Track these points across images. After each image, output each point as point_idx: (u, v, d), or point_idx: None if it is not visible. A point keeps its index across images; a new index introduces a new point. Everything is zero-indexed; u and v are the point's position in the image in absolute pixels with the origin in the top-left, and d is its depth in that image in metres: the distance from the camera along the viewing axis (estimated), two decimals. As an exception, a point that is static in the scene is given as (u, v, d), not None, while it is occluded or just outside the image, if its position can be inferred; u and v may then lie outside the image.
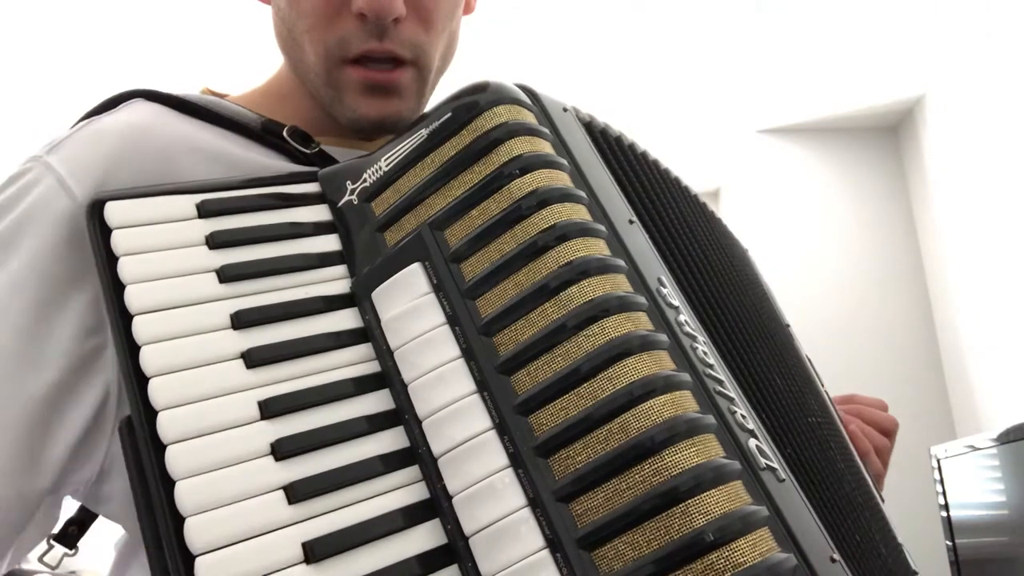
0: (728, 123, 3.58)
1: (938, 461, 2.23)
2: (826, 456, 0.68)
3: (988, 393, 3.00)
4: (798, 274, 3.43)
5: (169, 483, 0.49)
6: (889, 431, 0.86)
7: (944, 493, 2.18)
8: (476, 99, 0.58)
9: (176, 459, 0.49)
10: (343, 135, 0.76)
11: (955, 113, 3.11)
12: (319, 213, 0.62)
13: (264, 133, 0.71)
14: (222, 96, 0.77)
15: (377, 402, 0.55)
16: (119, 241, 0.56)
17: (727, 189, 3.98)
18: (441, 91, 0.62)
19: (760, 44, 2.97)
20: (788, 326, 0.85)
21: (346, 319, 0.58)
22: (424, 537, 0.51)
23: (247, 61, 2.71)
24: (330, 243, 0.61)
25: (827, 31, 2.90)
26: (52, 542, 0.66)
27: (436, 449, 0.52)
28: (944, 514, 2.16)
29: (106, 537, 0.73)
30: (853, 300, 3.46)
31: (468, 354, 0.53)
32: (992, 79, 2.83)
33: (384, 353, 0.56)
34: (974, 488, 2.07)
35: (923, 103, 3.36)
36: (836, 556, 0.49)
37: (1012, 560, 1.90)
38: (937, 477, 2.23)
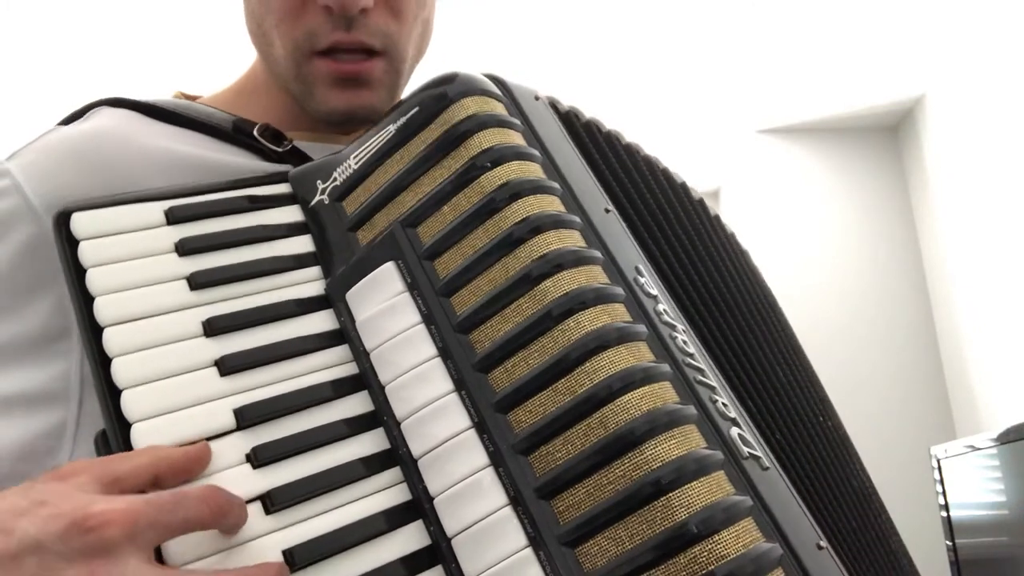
0: (728, 123, 3.57)
1: (938, 461, 2.21)
2: (837, 454, 0.66)
3: (988, 393, 2.97)
4: (798, 274, 3.41)
5: None
6: None
7: (944, 493, 2.16)
8: (444, 91, 0.57)
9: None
10: (316, 128, 0.75)
11: (955, 113, 3.09)
12: (291, 214, 0.61)
13: (235, 133, 0.70)
14: (193, 99, 0.77)
15: (356, 405, 0.54)
16: (86, 252, 0.55)
17: (727, 189, 3.96)
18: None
19: (760, 44, 2.96)
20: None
21: (322, 321, 0.57)
22: (408, 539, 0.50)
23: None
24: (303, 244, 0.60)
25: (827, 31, 2.89)
26: None
27: (416, 450, 0.51)
28: (944, 514, 2.14)
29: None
30: (853, 300, 3.43)
31: (445, 353, 0.52)
32: (992, 79, 2.81)
33: (361, 354, 0.55)
34: (974, 488, 2.05)
35: (923, 103, 3.35)
36: (823, 543, 0.48)
37: (1012, 560, 1.88)
38: (937, 477, 2.21)
